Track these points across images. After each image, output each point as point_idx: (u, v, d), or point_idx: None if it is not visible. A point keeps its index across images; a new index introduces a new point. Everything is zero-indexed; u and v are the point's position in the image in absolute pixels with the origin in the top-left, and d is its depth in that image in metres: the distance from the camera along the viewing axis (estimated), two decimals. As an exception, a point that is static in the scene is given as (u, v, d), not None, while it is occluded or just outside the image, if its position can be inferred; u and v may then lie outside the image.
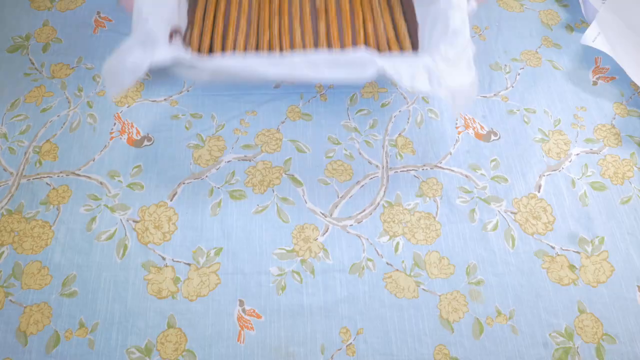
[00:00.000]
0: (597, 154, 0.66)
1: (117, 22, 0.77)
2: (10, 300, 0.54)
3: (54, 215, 0.59)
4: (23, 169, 0.63)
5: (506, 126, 0.67)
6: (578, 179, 0.64)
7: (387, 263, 0.57)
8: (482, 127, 0.67)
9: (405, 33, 0.63)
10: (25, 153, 0.64)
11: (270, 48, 0.63)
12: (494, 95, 0.70)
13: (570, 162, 0.65)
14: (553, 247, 0.59)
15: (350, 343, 0.53)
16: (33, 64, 0.72)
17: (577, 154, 0.66)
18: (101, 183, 0.62)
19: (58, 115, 0.67)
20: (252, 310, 0.54)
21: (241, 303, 0.55)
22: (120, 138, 0.65)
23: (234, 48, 0.63)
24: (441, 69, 0.52)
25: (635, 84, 0.72)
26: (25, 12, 0.78)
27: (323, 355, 0.52)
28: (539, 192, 0.63)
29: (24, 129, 0.66)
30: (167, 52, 0.51)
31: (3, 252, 0.57)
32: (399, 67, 0.51)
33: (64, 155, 0.64)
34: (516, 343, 0.53)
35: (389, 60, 0.52)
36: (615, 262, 0.58)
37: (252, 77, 0.52)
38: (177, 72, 0.55)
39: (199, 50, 0.62)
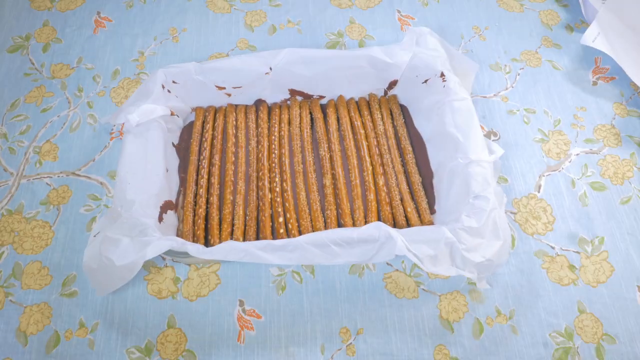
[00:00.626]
0: (597, 154, 0.66)
1: (117, 22, 0.77)
2: (11, 300, 0.54)
3: (54, 215, 0.59)
4: (23, 169, 0.63)
5: (506, 126, 0.67)
6: (578, 179, 0.64)
7: (387, 263, 0.57)
8: (482, 128, 0.67)
9: (425, 206, 0.58)
10: (26, 153, 0.64)
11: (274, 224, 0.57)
12: (494, 95, 0.70)
13: (570, 162, 0.65)
14: (553, 247, 0.59)
15: (350, 343, 0.53)
16: (33, 64, 0.72)
17: (577, 154, 0.66)
18: (101, 183, 0.62)
19: (58, 116, 0.67)
20: (252, 310, 0.54)
21: (241, 303, 0.55)
22: (120, 138, 0.65)
23: (232, 221, 0.57)
24: (464, 243, 0.48)
25: (635, 84, 0.72)
26: (25, 12, 0.78)
27: (323, 355, 0.52)
28: (538, 192, 0.63)
29: (24, 129, 0.66)
30: (159, 247, 0.47)
31: (3, 252, 0.57)
32: (418, 248, 0.47)
33: (64, 156, 0.64)
34: (516, 343, 0.53)
35: (407, 236, 0.48)
36: (615, 262, 0.58)
37: (256, 261, 0.48)
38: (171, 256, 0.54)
39: (195, 215, 0.57)
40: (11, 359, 0.51)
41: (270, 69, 0.61)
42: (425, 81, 0.62)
